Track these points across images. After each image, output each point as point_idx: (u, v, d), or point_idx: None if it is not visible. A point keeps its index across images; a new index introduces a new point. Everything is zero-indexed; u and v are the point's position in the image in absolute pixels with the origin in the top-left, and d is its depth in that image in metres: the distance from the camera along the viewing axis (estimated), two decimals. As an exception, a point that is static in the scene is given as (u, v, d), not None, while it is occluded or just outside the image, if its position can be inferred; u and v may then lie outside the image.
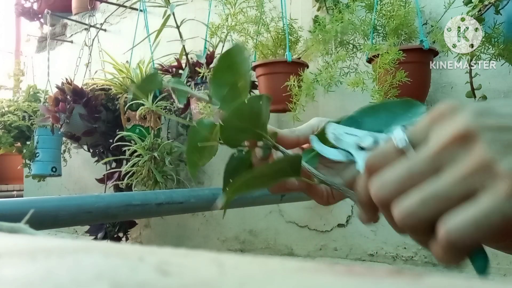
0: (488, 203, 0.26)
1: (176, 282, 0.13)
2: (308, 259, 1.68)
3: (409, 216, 0.29)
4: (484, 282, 0.14)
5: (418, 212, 0.28)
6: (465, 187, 0.27)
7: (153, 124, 1.78)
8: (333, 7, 1.49)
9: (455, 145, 0.28)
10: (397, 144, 0.31)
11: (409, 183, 0.29)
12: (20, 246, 0.19)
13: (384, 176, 0.30)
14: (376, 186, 0.31)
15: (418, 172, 0.29)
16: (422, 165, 0.29)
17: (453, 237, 0.27)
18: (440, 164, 0.29)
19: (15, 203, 0.72)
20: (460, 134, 0.28)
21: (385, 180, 0.30)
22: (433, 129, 0.30)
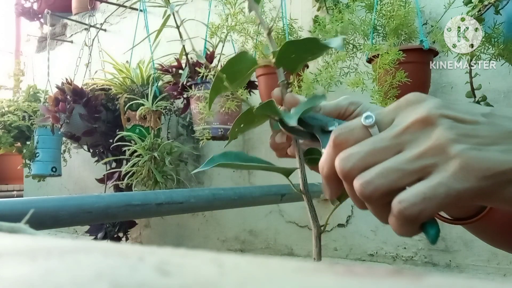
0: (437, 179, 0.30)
1: (176, 282, 0.13)
2: (308, 259, 1.68)
3: (368, 186, 0.31)
4: (484, 282, 0.14)
5: (376, 182, 0.31)
6: (420, 164, 0.31)
7: (153, 124, 1.78)
8: (333, 7, 1.49)
9: (416, 128, 0.32)
10: (364, 122, 0.33)
11: (372, 159, 0.32)
12: (20, 246, 0.19)
13: (349, 150, 0.33)
14: (341, 159, 0.33)
15: (381, 149, 0.32)
16: (385, 143, 0.32)
17: (404, 208, 0.30)
18: (402, 143, 0.32)
19: (15, 203, 0.72)
20: (422, 118, 0.31)
21: (350, 154, 0.33)
22: (399, 113, 0.33)
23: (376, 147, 0.32)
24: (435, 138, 0.31)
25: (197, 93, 1.56)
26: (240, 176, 1.91)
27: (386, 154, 0.32)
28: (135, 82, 1.87)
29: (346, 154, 0.33)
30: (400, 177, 0.31)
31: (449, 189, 0.29)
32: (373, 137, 0.33)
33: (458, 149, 0.30)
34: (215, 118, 1.52)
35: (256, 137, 1.85)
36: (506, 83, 1.31)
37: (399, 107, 0.34)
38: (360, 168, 0.32)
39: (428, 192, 0.30)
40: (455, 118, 0.31)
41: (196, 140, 1.70)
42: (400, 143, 0.32)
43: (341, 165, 0.33)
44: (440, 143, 0.30)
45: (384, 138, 0.32)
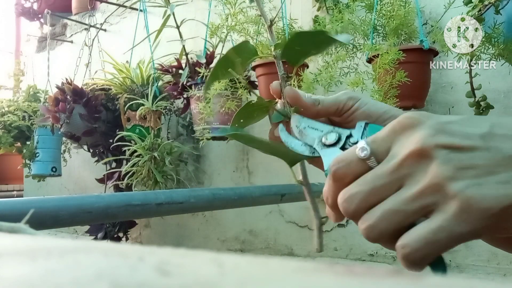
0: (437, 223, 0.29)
1: (176, 282, 0.13)
2: (308, 259, 1.68)
3: (372, 230, 0.31)
4: (484, 282, 0.14)
5: (379, 226, 0.31)
6: (420, 204, 0.30)
7: (153, 124, 1.78)
8: (333, 7, 1.49)
9: (413, 161, 0.30)
10: (360, 154, 0.32)
11: (374, 198, 0.31)
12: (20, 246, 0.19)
13: (350, 191, 0.32)
14: (343, 201, 0.32)
15: (381, 186, 0.31)
16: (384, 180, 0.31)
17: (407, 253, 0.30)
18: (400, 178, 0.31)
19: (15, 203, 0.72)
20: (417, 151, 0.30)
21: (351, 196, 0.32)
22: (394, 141, 0.32)
23: (376, 185, 0.31)
24: (431, 175, 0.29)
25: (197, 93, 1.56)
26: (240, 176, 1.91)
27: (387, 191, 0.31)
28: (135, 82, 1.87)
29: (347, 195, 0.32)
30: (402, 219, 0.30)
31: (451, 233, 0.29)
32: (372, 174, 0.32)
33: (456, 188, 0.28)
34: (215, 118, 1.52)
35: (256, 135, 1.85)
36: (506, 83, 1.31)
37: (394, 132, 0.32)
38: (363, 209, 0.32)
39: (429, 237, 0.29)
40: (451, 146, 0.29)
41: (196, 140, 1.70)
42: (399, 178, 0.31)
43: (345, 207, 0.32)
44: (437, 182, 0.29)
45: (382, 175, 0.31)
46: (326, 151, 0.39)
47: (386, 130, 0.33)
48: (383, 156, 0.32)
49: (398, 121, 0.32)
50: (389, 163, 0.31)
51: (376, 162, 0.32)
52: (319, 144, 0.40)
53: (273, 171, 1.78)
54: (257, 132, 1.84)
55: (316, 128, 0.41)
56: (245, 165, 1.89)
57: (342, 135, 0.39)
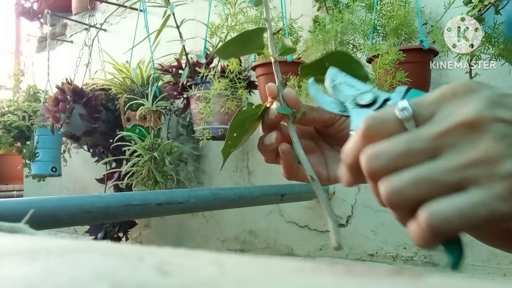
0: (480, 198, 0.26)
1: (176, 282, 0.13)
2: (308, 259, 1.68)
3: (396, 194, 0.28)
4: (484, 282, 0.14)
5: (406, 192, 0.27)
6: (460, 177, 0.27)
7: (153, 124, 1.78)
8: (333, 7, 1.49)
9: (461, 131, 0.27)
10: (399, 114, 0.29)
11: (404, 161, 0.28)
12: (20, 246, 0.19)
13: (379, 147, 0.29)
14: (368, 156, 0.29)
15: (416, 151, 0.28)
16: (421, 144, 0.28)
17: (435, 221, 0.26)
18: (441, 147, 0.27)
19: (15, 203, 0.72)
20: (470, 121, 0.27)
21: (380, 152, 0.28)
22: (441, 107, 0.28)
23: (411, 148, 0.28)
24: (483, 148, 0.26)
25: (197, 93, 1.56)
26: (240, 176, 1.91)
27: (421, 157, 0.28)
28: (135, 82, 1.87)
29: (375, 151, 0.29)
30: (434, 189, 0.27)
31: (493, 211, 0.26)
32: (408, 135, 0.28)
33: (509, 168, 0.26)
34: (215, 118, 1.52)
35: (256, 137, 1.84)
36: (506, 83, 1.31)
37: (443, 97, 0.29)
38: (389, 170, 0.28)
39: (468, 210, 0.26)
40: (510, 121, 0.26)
41: (196, 140, 1.70)
42: (439, 147, 0.27)
43: (368, 163, 0.29)
44: (489, 156, 0.26)
45: (421, 139, 0.28)
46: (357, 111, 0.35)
47: (434, 94, 0.29)
48: (425, 121, 0.29)
49: (450, 87, 0.29)
50: (432, 127, 0.28)
51: (414, 126, 0.29)
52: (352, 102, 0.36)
53: (273, 171, 1.78)
54: (257, 132, 1.83)
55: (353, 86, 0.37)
56: (245, 165, 1.89)
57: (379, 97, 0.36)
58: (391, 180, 0.28)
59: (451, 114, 0.28)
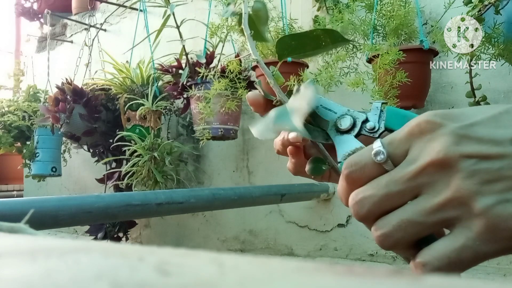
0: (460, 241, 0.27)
1: (176, 282, 0.13)
2: (308, 259, 1.68)
3: (387, 239, 0.29)
4: (484, 282, 0.14)
5: (395, 236, 0.29)
6: (441, 217, 0.28)
7: (153, 124, 1.78)
8: (333, 7, 1.49)
9: (433, 170, 0.28)
10: (375, 159, 0.30)
11: (387, 204, 0.29)
12: (20, 246, 0.19)
13: (362, 193, 0.30)
14: (354, 203, 0.30)
15: (396, 192, 0.29)
16: (400, 187, 0.29)
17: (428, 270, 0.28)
18: (418, 186, 0.28)
19: (15, 203, 0.72)
20: (439, 161, 0.27)
21: (363, 198, 0.30)
22: (412, 144, 0.29)
23: (391, 191, 0.29)
24: (454, 188, 0.27)
25: (197, 93, 1.56)
26: (240, 176, 1.91)
27: (402, 198, 0.29)
28: (135, 82, 1.87)
29: (359, 197, 0.30)
30: (420, 230, 0.28)
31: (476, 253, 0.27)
32: (387, 178, 0.29)
33: (481, 205, 0.26)
34: (215, 118, 1.52)
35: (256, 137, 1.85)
36: (506, 83, 1.31)
37: (412, 134, 0.30)
38: (375, 213, 0.30)
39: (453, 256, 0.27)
40: (478, 155, 0.27)
41: (196, 140, 1.70)
42: (417, 186, 0.28)
43: (355, 210, 0.30)
44: (461, 196, 0.27)
45: (399, 181, 0.29)
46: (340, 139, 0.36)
47: (403, 132, 0.30)
48: (400, 159, 0.30)
49: (417, 123, 0.29)
50: (406, 168, 0.29)
51: (392, 165, 0.30)
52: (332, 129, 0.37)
53: (273, 171, 1.78)
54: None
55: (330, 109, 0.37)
56: (245, 165, 1.89)
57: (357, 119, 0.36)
58: (379, 224, 0.30)
59: (421, 153, 0.28)
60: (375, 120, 0.36)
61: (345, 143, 0.36)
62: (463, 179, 0.27)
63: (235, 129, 1.62)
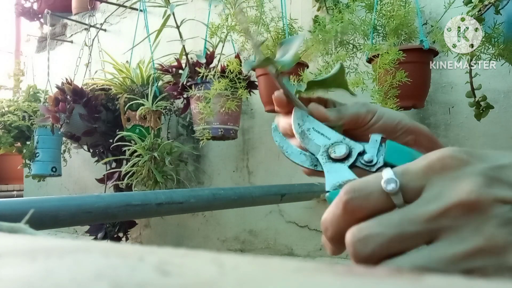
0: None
1: (176, 282, 0.13)
2: (308, 259, 1.68)
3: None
4: (484, 282, 0.14)
5: None
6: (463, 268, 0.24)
7: (153, 124, 1.78)
8: (333, 7, 1.49)
9: (459, 212, 0.24)
10: (386, 187, 0.26)
11: (398, 246, 0.25)
12: (20, 246, 0.19)
13: (368, 229, 0.25)
14: (356, 240, 0.26)
15: (410, 234, 0.25)
16: (416, 227, 0.25)
17: None
18: (438, 230, 0.24)
19: (15, 203, 0.72)
20: (469, 202, 0.24)
21: (369, 235, 0.25)
22: (431, 180, 0.26)
23: (404, 231, 0.25)
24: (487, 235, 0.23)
25: (197, 93, 1.56)
26: (240, 176, 1.91)
27: (416, 241, 0.25)
28: (135, 82, 1.87)
29: (363, 234, 0.25)
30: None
31: None
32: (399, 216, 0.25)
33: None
34: (215, 118, 1.52)
35: (256, 137, 1.85)
36: (506, 83, 1.31)
37: (431, 169, 0.26)
38: (380, 256, 0.25)
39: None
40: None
41: (196, 140, 1.70)
42: (436, 230, 0.24)
43: (357, 248, 0.26)
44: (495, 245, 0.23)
45: (414, 220, 0.25)
46: (331, 167, 0.33)
47: (421, 163, 0.26)
48: (414, 195, 0.26)
49: (439, 158, 0.26)
50: (426, 206, 0.25)
51: (402, 200, 0.26)
52: (323, 155, 0.33)
53: (273, 171, 1.78)
54: (257, 132, 1.84)
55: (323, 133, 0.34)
56: (245, 165, 1.89)
57: (353, 149, 0.33)
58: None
59: (445, 192, 0.25)
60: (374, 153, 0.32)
61: (336, 172, 0.32)
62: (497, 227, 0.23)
63: (235, 129, 1.62)
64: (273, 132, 0.36)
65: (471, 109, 1.18)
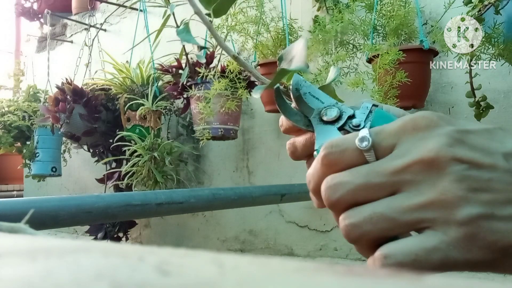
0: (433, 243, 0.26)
1: (176, 282, 0.13)
2: (308, 259, 1.68)
3: (354, 230, 0.28)
4: (484, 282, 0.14)
5: (363, 228, 0.27)
6: (416, 217, 0.26)
7: (153, 124, 1.78)
8: (333, 7, 1.49)
9: (420, 168, 0.27)
10: (359, 145, 0.28)
11: (363, 194, 0.28)
12: (20, 246, 0.19)
13: (338, 178, 0.28)
14: (327, 187, 0.29)
15: (375, 185, 0.27)
16: (380, 179, 0.27)
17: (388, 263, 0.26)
18: (400, 183, 0.27)
19: (15, 203, 0.72)
20: (429, 159, 0.26)
21: (339, 183, 0.28)
22: (402, 139, 0.28)
23: (369, 181, 0.27)
24: (441, 190, 0.26)
25: (197, 93, 1.56)
26: (240, 176, 1.91)
27: (379, 192, 0.27)
28: (135, 82, 1.87)
29: (334, 181, 0.28)
30: (391, 227, 0.27)
31: (446, 257, 0.26)
32: (368, 168, 0.28)
33: (465, 213, 0.25)
34: (215, 118, 1.52)
35: (256, 137, 1.85)
36: (506, 83, 1.31)
37: (404, 129, 0.28)
38: (347, 202, 0.28)
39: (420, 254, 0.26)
40: (470, 162, 0.26)
41: (196, 140, 1.70)
42: (398, 182, 0.27)
43: (327, 193, 0.29)
44: (446, 199, 0.26)
45: (380, 173, 0.27)
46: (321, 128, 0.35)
47: (395, 125, 0.29)
48: (385, 152, 0.28)
49: (412, 119, 0.28)
50: (391, 162, 0.27)
51: (374, 157, 0.28)
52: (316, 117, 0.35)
53: (273, 171, 1.78)
54: (257, 132, 1.84)
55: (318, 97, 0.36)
56: (245, 165, 1.89)
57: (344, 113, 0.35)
58: (349, 214, 0.28)
59: (411, 149, 0.27)
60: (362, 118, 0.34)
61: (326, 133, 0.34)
62: (450, 182, 0.26)
63: (235, 129, 1.62)
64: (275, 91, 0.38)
65: (471, 109, 1.18)
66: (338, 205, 0.29)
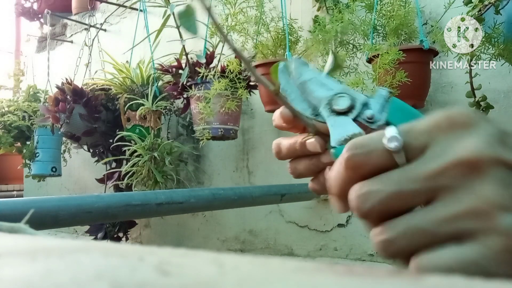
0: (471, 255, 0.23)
1: (176, 282, 0.13)
2: (308, 259, 1.68)
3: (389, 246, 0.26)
4: (484, 282, 0.14)
5: (399, 243, 0.25)
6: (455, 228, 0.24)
7: (153, 124, 1.78)
8: (333, 7, 1.49)
9: (459, 172, 0.24)
10: (388, 145, 0.26)
11: (396, 203, 0.26)
12: (20, 246, 0.19)
13: (369, 186, 0.26)
14: (357, 196, 0.26)
15: (409, 192, 0.25)
16: (415, 185, 0.25)
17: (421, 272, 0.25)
18: (436, 189, 0.25)
19: (15, 203, 0.72)
20: (469, 161, 0.24)
21: (370, 192, 0.26)
22: (436, 139, 0.25)
23: (402, 189, 0.25)
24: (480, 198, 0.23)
25: (197, 93, 1.56)
26: (240, 176, 1.91)
27: (414, 199, 0.25)
28: (135, 82, 1.87)
29: (364, 190, 0.26)
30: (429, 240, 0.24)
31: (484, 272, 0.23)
32: (399, 174, 0.26)
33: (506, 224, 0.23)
34: (215, 118, 1.52)
35: (256, 137, 1.85)
36: (506, 83, 1.31)
37: (438, 127, 0.25)
38: (379, 211, 0.26)
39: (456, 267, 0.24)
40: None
41: (196, 140, 1.70)
42: (433, 188, 0.25)
43: (357, 203, 0.26)
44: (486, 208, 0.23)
45: (413, 179, 0.25)
46: (335, 120, 0.31)
47: (427, 122, 0.26)
48: (416, 153, 0.26)
49: (447, 115, 0.25)
50: (426, 165, 0.25)
51: (405, 159, 0.26)
52: (326, 107, 0.31)
53: (273, 171, 1.78)
54: (257, 132, 1.84)
55: (324, 84, 0.32)
56: (245, 165, 1.89)
57: (356, 101, 0.31)
58: (382, 231, 0.26)
59: (447, 150, 0.25)
60: (377, 108, 0.31)
61: (341, 126, 0.31)
62: (494, 188, 0.23)
63: (235, 129, 1.62)
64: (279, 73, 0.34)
65: (471, 109, 1.18)
66: (371, 215, 0.26)
